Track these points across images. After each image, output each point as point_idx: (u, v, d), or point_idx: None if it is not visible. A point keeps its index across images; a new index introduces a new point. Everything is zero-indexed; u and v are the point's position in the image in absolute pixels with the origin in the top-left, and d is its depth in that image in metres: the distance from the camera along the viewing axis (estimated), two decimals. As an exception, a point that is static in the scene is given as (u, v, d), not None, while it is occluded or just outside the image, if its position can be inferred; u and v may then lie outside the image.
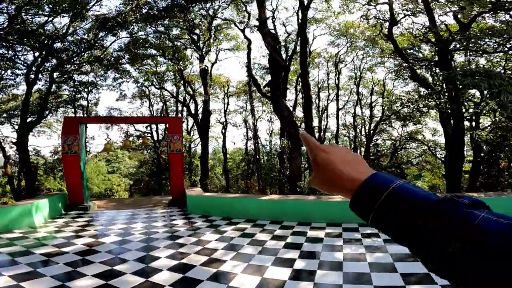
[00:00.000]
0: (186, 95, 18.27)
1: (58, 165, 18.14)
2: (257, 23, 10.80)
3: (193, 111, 18.77)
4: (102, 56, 13.92)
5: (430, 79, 15.29)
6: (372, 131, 22.96)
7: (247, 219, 7.06)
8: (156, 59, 17.02)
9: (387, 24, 16.65)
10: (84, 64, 14.19)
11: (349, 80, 25.60)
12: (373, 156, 23.05)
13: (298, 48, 13.41)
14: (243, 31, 14.72)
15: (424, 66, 14.88)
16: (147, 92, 21.02)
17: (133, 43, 14.73)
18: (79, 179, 8.91)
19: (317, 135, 21.87)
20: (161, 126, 24.12)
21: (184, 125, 22.34)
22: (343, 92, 25.13)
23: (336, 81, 22.97)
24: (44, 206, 7.45)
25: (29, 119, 13.63)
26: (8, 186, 18.31)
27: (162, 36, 15.38)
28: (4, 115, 17.17)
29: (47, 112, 15.12)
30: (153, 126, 22.98)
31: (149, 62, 17.81)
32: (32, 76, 12.23)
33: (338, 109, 22.98)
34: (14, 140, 15.93)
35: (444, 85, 13.52)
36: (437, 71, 15.00)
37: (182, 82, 17.37)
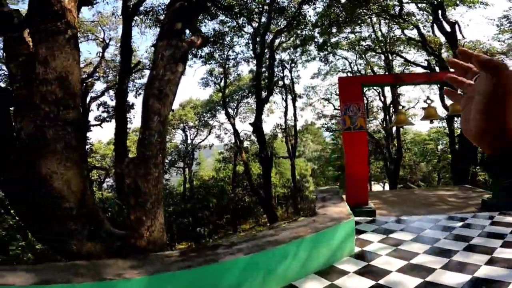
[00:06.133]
0: (432, 57, 13.35)
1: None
2: None
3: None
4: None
5: None
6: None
7: None
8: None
9: None
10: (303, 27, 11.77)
11: None
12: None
13: None
14: None
15: None
16: (349, 65, 17.48)
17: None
18: (366, 168, 5.84)
19: None
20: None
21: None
22: None
23: None
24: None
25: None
26: (223, 172, 19.21)
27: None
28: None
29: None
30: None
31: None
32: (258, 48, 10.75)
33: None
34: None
35: None
36: None
37: (420, 44, 12.64)
